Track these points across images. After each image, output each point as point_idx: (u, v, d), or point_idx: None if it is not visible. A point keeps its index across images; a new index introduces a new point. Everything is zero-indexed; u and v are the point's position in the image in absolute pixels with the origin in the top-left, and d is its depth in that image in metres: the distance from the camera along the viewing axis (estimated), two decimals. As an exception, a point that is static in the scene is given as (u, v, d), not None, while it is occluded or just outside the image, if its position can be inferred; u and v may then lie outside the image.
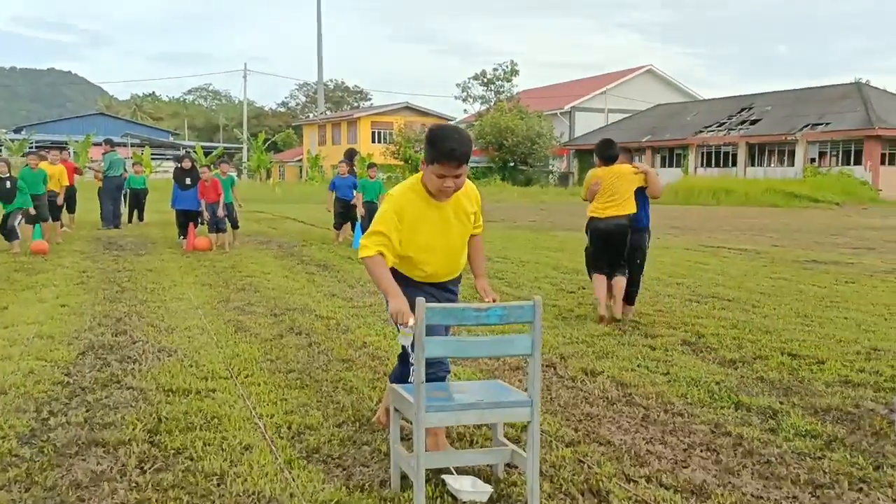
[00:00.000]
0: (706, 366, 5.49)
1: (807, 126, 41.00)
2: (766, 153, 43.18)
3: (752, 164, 43.34)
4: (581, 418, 4.32)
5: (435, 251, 3.59)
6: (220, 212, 13.27)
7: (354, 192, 14.22)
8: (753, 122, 44.60)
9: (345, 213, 14.61)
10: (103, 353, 5.79)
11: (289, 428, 4.12)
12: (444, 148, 3.34)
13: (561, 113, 57.33)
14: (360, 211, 13.91)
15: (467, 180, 3.61)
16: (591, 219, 7.23)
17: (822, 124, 40.50)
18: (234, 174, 18.42)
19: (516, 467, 3.44)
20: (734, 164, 44.05)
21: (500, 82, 58.72)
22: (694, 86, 70.37)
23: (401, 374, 3.76)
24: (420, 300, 2.91)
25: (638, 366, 5.45)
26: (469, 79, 58.89)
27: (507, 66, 57.33)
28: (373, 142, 58.10)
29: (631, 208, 7.06)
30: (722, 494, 3.33)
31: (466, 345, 2.98)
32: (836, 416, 4.38)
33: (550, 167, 54.68)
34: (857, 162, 38.98)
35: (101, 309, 7.58)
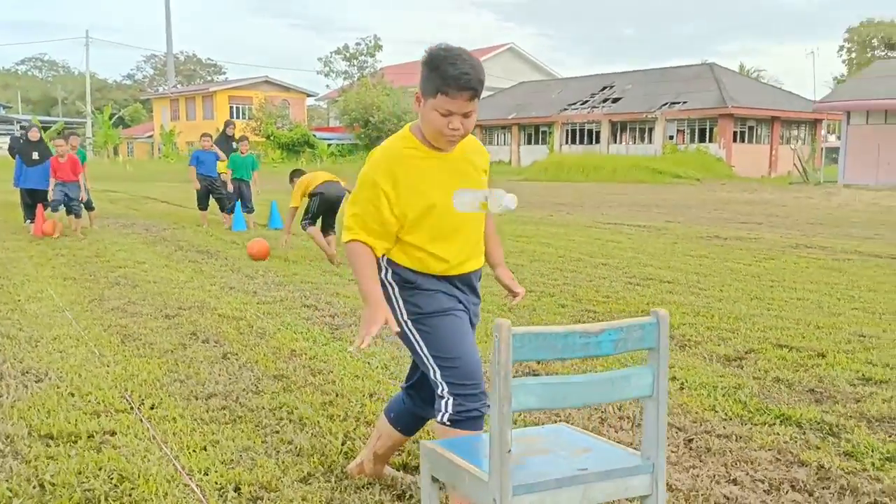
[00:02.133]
0: (708, 365, 4.72)
1: (665, 105, 42.17)
2: (628, 130, 44.14)
3: (615, 142, 44.20)
4: (612, 449, 3.40)
5: (450, 223, 2.55)
6: (83, 195, 11.50)
7: (227, 169, 12.98)
8: (615, 101, 45.42)
9: (210, 192, 13.10)
10: (-56, 379, 4.34)
11: (237, 491, 2.96)
12: (452, 72, 2.37)
13: (425, 89, 56.53)
14: (230, 189, 12.83)
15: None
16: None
17: (679, 103, 41.75)
18: (84, 149, 16.47)
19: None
20: (598, 141, 44.77)
21: (363, 57, 57.31)
22: (551, 65, 71.53)
23: (408, 407, 2.72)
24: (504, 322, 1.85)
25: (634, 369, 4.60)
26: (331, 53, 57.24)
27: (370, 41, 56.05)
28: (231, 117, 54.99)
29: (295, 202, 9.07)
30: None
31: (566, 388, 1.94)
32: (900, 428, 3.69)
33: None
34: (711, 139, 40.50)
35: (-65, 315, 5.98)
